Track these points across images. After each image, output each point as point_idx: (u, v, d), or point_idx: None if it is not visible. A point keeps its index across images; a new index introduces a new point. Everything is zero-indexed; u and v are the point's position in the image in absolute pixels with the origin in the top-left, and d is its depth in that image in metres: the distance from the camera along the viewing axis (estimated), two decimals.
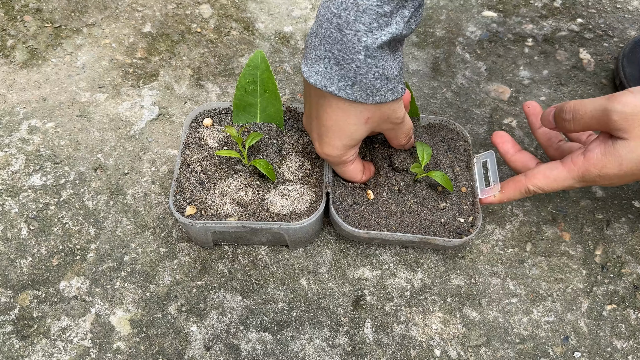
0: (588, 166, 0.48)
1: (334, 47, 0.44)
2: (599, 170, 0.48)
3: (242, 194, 0.56)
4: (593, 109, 0.47)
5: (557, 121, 0.51)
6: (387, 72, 0.45)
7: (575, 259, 0.62)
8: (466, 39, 0.81)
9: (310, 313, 0.57)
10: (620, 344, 0.56)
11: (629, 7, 0.85)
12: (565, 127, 0.50)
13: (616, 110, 0.45)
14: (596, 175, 0.48)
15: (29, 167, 0.66)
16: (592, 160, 0.48)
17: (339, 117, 0.48)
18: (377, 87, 0.45)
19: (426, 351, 0.55)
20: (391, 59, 0.45)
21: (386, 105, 0.48)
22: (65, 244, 0.60)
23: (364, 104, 0.47)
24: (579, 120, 0.48)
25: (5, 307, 0.56)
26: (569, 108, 0.49)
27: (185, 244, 0.61)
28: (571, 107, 0.49)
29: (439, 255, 0.61)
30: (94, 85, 0.73)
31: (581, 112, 0.48)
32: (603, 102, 0.46)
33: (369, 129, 0.50)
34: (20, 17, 0.79)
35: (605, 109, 0.45)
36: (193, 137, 0.60)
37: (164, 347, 0.55)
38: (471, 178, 0.61)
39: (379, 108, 0.48)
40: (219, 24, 0.81)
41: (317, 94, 0.48)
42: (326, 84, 0.45)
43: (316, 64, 0.45)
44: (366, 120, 0.49)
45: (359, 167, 0.56)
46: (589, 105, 0.47)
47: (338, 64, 0.44)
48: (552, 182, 0.51)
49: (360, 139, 0.52)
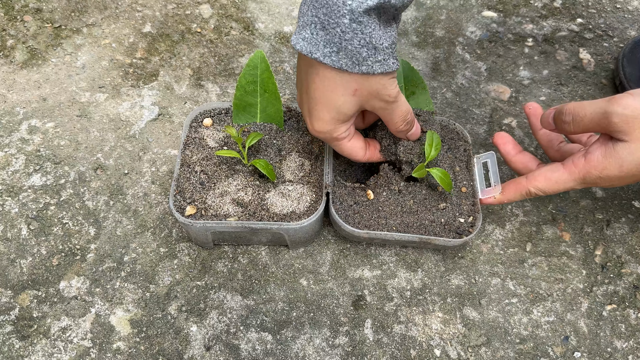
0: (589, 168, 0.48)
1: (319, 12, 0.43)
2: (599, 172, 0.48)
3: (242, 194, 0.56)
4: (593, 112, 0.47)
5: (556, 123, 0.51)
6: (375, 42, 0.44)
7: (575, 259, 0.62)
8: (466, 39, 0.81)
9: (310, 313, 0.57)
10: (620, 344, 0.56)
11: (629, 7, 0.85)
12: (564, 129, 0.50)
13: (616, 112, 0.45)
14: (597, 177, 0.48)
15: (29, 167, 0.66)
16: (593, 162, 0.48)
17: (326, 87, 0.47)
18: (363, 56, 0.44)
19: (426, 351, 0.55)
20: (381, 30, 0.44)
21: (375, 79, 0.46)
22: (65, 244, 0.60)
23: (350, 73, 0.45)
24: (578, 123, 0.48)
25: (5, 307, 0.56)
26: (568, 110, 0.49)
27: (185, 244, 0.61)
28: (571, 109, 0.49)
29: (439, 255, 0.61)
30: (94, 85, 0.73)
31: (581, 114, 0.48)
32: (603, 105, 0.46)
33: (358, 104, 0.49)
34: (20, 17, 0.79)
35: (605, 111, 0.46)
36: (193, 137, 0.60)
37: (164, 347, 0.55)
38: (471, 178, 0.61)
39: (367, 80, 0.46)
40: (219, 24, 0.81)
41: (306, 63, 0.48)
42: (312, 50, 0.45)
43: (303, 31, 0.45)
44: (354, 92, 0.47)
45: (358, 144, 0.54)
46: (588, 108, 0.47)
47: (324, 28, 0.43)
48: (554, 184, 0.51)
49: (351, 114, 0.50)
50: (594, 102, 0.47)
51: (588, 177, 0.49)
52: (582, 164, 0.49)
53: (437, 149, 0.55)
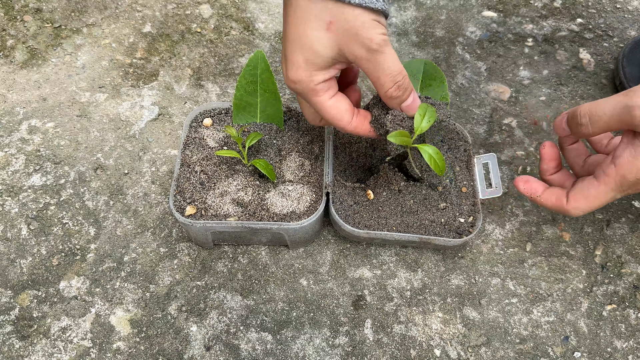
0: (623, 172, 0.45)
1: None
2: (635, 174, 0.44)
3: (242, 194, 0.56)
4: (612, 109, 0.44)
5: (572, 127, 0.48)
6: None
7: (575, 259, 0.62)
8: (466, 39, 0.81)
9: (310, 313, 0.57)
10: (620, 344, 0.56)
11: (629, 7, 0.85)
12: (581, 132, 0.47)
13: (638, 105, 0.42)
14: (634, 179, 0.45)
15: (29, 167, 0.66)
16: (624, 166, 0.45)
17: (298, 20, 0.42)
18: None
19: (426, 351, 0.55)
20: None
21: (351, 11, 0.41)
22: (65, 244, 0.60)
23: (323, 0, 0.41)
24: (596, 122, 0.45)
25: (5, 307, 0.56)
26: (583, 111, 0.46)
27: (185, 244, 0.61)
28: (586, 110, 0.46)
29: (439, 255, 0.61)
30: (94, 85, 0.73)
31: (599, 113, 0.45)
32: (621, 99, 0.43)
33: (335, 44, 0.43)
34: (20, 17, 0.79)
35: (625, 105, 0.42)
36: (193, 137, 0.60)
37: (164, 347, 0.55)
38: (471, 178, 0.60)
39: (342, 11, 0.41)
40: (219, 24, 0.81)
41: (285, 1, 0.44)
42: None
43: None
44: (328, 25, 0.42)
45: (342, 105, 0.47)
46: (605, 106, 0.44)
47: None
48: (594, 200, 0.47)
49: (327, 57, 0.44)
50: (609, 99, 0.44)
51: (625, 183, 0.45)
52: (614, 171, 0.45)
53: (430, 122, 0.48)
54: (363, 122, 0.49)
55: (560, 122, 0.50)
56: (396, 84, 0.45)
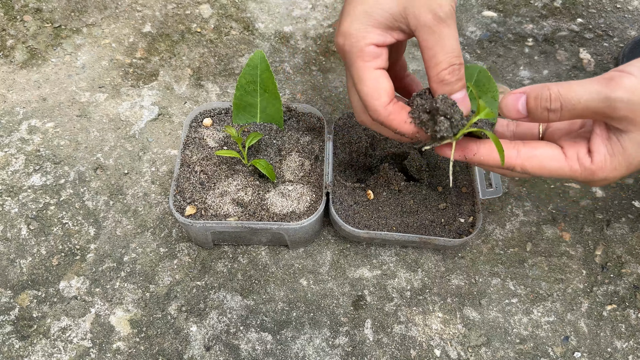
0: (595, 170, 0.41)
1: None
2: (607, 173, 0.41)
3: (242, 194, 0.56)
4: (589, 97, 0.38)
5: (535, 111, 0.41)
6: None
7: (575, 259, 0.62)
8: (466, 39, 0.81)
9: (310, 313, 0.57)
10: (620, 344, 0.56)
11: (629, 7, 0.85)
12: (548, 117, 0.40)
13: (621, 99, 0.37)
14: (602, 178, 0.42)
15: (29, 167, 0.66)
16: (599, 163, 0.41)
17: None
18: None
19: (426, 351, 0.55)
20: None
21: None
22: (65, 244, 0.60)
23: None
24: (569, 111, 0.39)
25: (5, 307, 0.56)
26: (554, 96, 0.39)
27: (185, 244, 0.61)
28: (556, 94, 0.39)
29: (439, 255, 0.61)
30: (93, 85, 0.73)
31: (572, 101, 0.39)
32: (601, 89, 0.38)
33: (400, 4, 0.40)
34: (20, 17, 0.79)
35: (606, 97, 0.38)
36: (193, 137, 0.60)
37: (164, 347, 0.55)
38: (471, 178, 0.61)
39: None
40: (219, 24, 0.81)
41: None
42: None
43: None
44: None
45: (383, 83, 0.42)
46: (581, 92, 0.39)
47: None
48: (547, 173, 0.42)
49: (388, 14, 0.40)
50: (584, 84, 0.39)
51: (592, 178, 0.42)
52: (588, 165, 0.41)
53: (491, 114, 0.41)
54: (400, 112, 0.42)
55: (515, 103, 0.42)
56: (452, 66, 0.41)
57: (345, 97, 0.73)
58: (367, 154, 0.62)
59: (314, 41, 0.79)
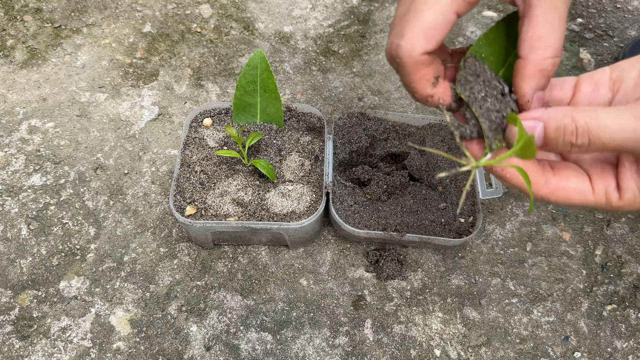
0: (623, 206, 0.36)
1: None
2: (633, 209, 0.36)
3: (242, 194, 0.56)
4: (624, 137, 0.32)
5: (553, 143, 0.34)
6: None
7: (575, 259, 0.62)
8: (466, 39, 0.81)
9: (310, 313, 0.57)
10: (620, 344, 0.56)
11: (629, 7, 0.85)
12: (571, 151, 0.34)
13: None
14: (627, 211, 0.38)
15: (29, 167, 0.66)
16: (628, 201, 0.36)
17: None
18: None
19: (426, 351, 0.55)
20: None
21: None
22: (65, 244, 0.60)
23: None
24: (598, 148, 0.33)
25: (5, 307, 0.56)
26: (582, 130, 0.33)
27: (185, 244, 0.61)
28: (584, 128, 0.32)
29: (439, 255, 0.61)
30: (94, 85, 0.73)
31: (604, 139, 0.32)
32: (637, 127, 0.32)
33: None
34: (20, 17, 0.79)
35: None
36: (193, 137, 0.60)
37: (164, 347, 0.55)
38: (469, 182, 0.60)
39: None
40: (219, 24, 0.81)
41: None
42: None
43: None
44: None
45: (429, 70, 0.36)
46: (614, 128, 0.32)
47: None
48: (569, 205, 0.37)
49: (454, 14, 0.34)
50: (614, 116, 0.32)
51: (617, 212, 0.39)
52: (616, 202, 0.36)
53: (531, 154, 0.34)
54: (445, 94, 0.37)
55: (529, 132, 0.34)
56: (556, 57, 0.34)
57: (345, 97, 0.73)
58: (367, 154, 0.62)
59: (314, 41, 0.79)
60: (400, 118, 0.64)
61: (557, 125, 0.33)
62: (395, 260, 0.58)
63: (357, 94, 0.74)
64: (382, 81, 0.75)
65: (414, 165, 0.60)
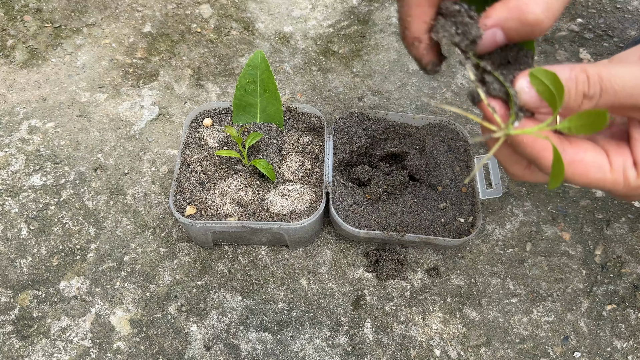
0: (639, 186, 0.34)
1: None
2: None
3: (242, 194, 0.56)
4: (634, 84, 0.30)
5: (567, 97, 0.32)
6: None
7: (575, 259, 0.62)
8: None
9: (310, 313, 0.57)
10: (620, 344, 0.56)
11: (629, 7, 0.85)
12: (581, 105, 0.32)
13: None
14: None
15: (29, 167, 0.66)
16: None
17: None
18: None
19: (426, 351, 0.55)
20: None
21: None
22: (65, 244, 0.60)
23: None
24: (609, 99, 0.31)
25: (5, 307, 0.56)
26: (594, 79, 0.31)
27: (185, 244, 0.61)
28: (595, 77, 0.31)
29: (439, 255, 0.61)
30: (94, 85, 0.73)
31: (616, 86, 0.30)
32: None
33: None
34: (20, 17, 0.79)
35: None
36: (193, 137, 0.60)
37: (164, 347, 0.55)
38: (471, 178, 0.61)
39: None
40: (219, 24, 0.81)
41: None
42: None
43: None
44: None
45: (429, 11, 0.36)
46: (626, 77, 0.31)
47: None
48: (586, 182, 0.34)
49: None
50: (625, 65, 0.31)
51: (632, 194, 0.35)
52: (634, 179, 0.34)
53: None
54: None
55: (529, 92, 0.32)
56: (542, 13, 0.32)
57: (345, 97, 0.73)
58: (367, 154, 0.62)
59: (314, 41, 0.79)
60: (400, 118, 0.64)
61: (569, 76, 0.31)
62: (395, 260, 0.58)
63: (357, 94, 0.74)
64: (382, 81, 0.75)
65: (414, 165, 0.60)
